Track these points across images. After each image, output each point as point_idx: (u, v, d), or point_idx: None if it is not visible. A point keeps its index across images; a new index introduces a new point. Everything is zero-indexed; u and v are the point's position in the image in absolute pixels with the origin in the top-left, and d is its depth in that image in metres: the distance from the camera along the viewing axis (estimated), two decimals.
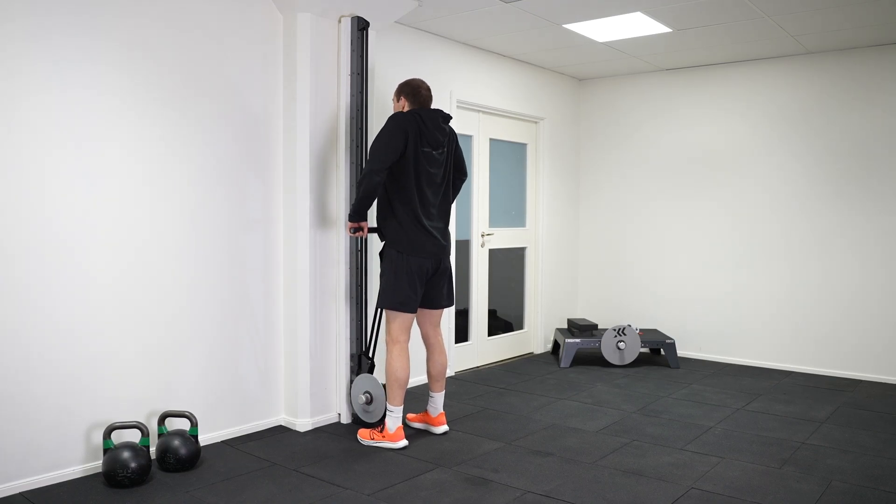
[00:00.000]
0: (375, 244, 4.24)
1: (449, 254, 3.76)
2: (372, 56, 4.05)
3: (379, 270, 3.87)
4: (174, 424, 3.51)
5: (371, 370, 4.01)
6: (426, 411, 3.91)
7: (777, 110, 5.53)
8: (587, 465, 3.37)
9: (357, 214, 3.67)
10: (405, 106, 3.69)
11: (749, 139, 5.66)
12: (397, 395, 3.63)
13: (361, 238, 4.00)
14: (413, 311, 3.65)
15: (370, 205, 3.65)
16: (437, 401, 3.86)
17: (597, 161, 6.46)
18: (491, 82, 5.51)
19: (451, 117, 3.72)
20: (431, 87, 4.84)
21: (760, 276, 5.62)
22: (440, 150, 3.67)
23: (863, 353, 5.21)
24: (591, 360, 5.84)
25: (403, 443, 3.61)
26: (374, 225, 3.88)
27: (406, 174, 3.56)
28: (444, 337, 5.12)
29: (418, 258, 3.60)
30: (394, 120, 3.56)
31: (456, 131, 5.15)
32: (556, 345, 6.10)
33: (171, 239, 3.48)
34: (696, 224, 5.92)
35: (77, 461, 3.18)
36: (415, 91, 3.67)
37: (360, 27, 3.97)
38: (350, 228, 3.75)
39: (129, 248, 3.32)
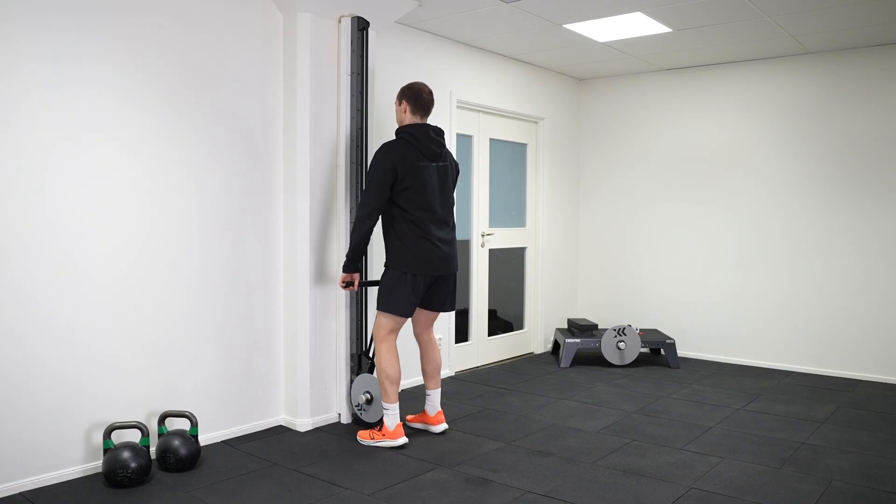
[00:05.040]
0: (377, 245, 4.24)
1: (455, 268, 3.73)
2: (372, 56, 4.05)
3: (381, 269, 3.87)
4: (174, 424, 3.51)
5: (371, 370, 4.01)
6: (424, 411, 3.91)
7: (777, 110, 5.53)
8: (587, 465, 3.37)
9: (352, 264, 3.65)
10: (406, 110, 3.68)
11: (749, 139, 5.66)
12: (391, 392, 3.63)
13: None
14: (410, 315, 3.66)
15: (364, 250, 3.63)
16: (434, 398, 3.86)
17: (597, 161, 6.46)
18: (491, 82, 5.51)
19: (443, 131, 3.71)
20: (432, 88, 4.85)
21: (760, 276, 5.62)
22: (439, 162, 3.66)
23: (863, 353, 5.21)
24: (591, 360, 5.84)
25: (403, 440, 3.61)
26: (370, 278, 3.90)
27: (406, 191, 3.55)
28: (444, 337, 5.12)
29: (421, 276, 3.60)
30: (380, 154, 3.55)
31: (456, 131, 5.20)
32: (556, 345, 6.10)
33: (172, 238, 3.48)
34: (697, 224, 5.92)
35: (77, 461, 3.18)
36: (416, 95, 3.66)
37: (360, 27, 3.97)
38: (342, 281, 3.72)
39: (130, 247, 3.32)
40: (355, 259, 3.64)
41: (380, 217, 3.66)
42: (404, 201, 3.56)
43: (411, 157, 3.55)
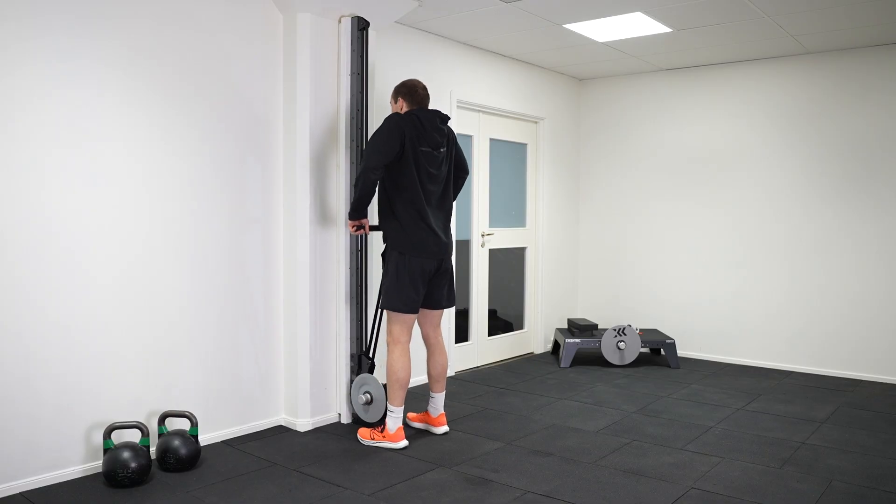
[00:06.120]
0: (376, 244, 4.24)
1: (451, 253, 3.76)
2: (372, 56, 4.05)
3: (380, 270, 3.87)
4: (174, 424, 3.51)
5: (371, 370, 4.01)
6: (427, 411, 3.91)
7: (777, 110, 5.53)
8: (587, 465, 3.37)
9: (356, 212, 3.68)
10: (403, 107, 3.68)
11: (749, 139, 5.66)
12: (398, 395, 3.63)
13: (362, 237, 4.00)
14: (415, 312, 3.65)
15: (369, 202, 3.65)
16: (438, 401, 3.86)
17: (597, 161, 6.46)
18: (491, 82, 5.51)
19: (448, 118, 3.71)
20: (431, 87, 4.85)
21: (761, 276, 5.62)
22: (439, 150, 3.66)
23: (863, 354, 5.21)
24: (591, 360, 5.84)
25: (404, 443, 3.61)
26: (375, 223, 3.89)
27: (406, 173, 3.55)
28: (444, 337, 5.12)
29: (420, 259, 3.59)
30: (390, 120, 3.55)
31: (456, 131, 5.20)
32: (556, 345, 6.10)
33: (172, 238, 3.48)
34: (697, 224, 5.92)
35: (77, 461, 3.18)
36: (411, 91, 3.67)
37: (360, 27, 3.97)
38: (352, 227, 3.75)
39: (130, 247, 3.32)
40: (361, 208, 3.66)
41: (378, 207, 3.67)
42: (402, 180, 3.56)
43: (415, 137, 3.55)
